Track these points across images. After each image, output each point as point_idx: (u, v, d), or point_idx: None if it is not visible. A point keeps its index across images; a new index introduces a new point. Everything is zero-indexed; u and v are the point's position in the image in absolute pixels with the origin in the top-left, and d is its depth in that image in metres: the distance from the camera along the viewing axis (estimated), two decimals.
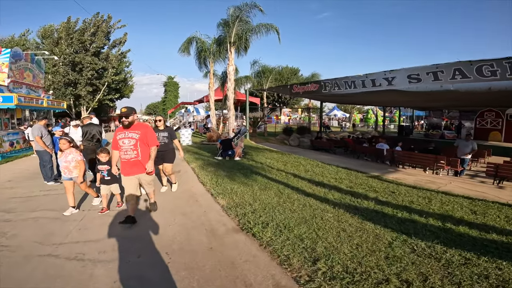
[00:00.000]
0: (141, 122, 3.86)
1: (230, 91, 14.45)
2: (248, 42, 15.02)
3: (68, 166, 4.18)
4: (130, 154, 3.77)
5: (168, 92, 37.55)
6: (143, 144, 3.81)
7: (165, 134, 5.25)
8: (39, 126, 6.14)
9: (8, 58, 10.37)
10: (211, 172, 7.16)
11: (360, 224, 3.92)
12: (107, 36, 21.64)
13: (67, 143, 4.19)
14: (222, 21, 14.66)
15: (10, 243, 3.33)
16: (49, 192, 5.73)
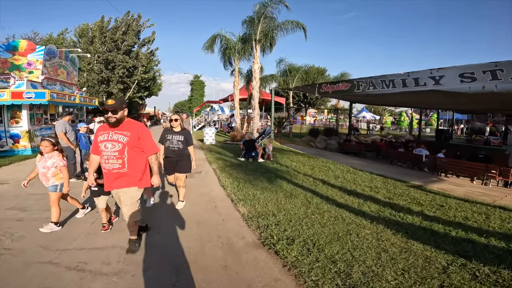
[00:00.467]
0: (134, 121, 3.01)
1: (255, 90, 14.02)
2: (274, 40, 14.56)
3: (46, 173, 3.43)
4: (113, 163, 2.78)
5: (194, 91, 38.09)
6: (132, 150, 2.82)
7: (180, 138, 4.29)
8: (63, 122, 6.10)
9: (43, 55, 10.77)
10: (233, 174, 6.74)
11: (405, 243, 3.32)
12: (137, 35, 22.24)
13: (50, 145, 3.42)
14: (248, 19, 14.29)
15: (15, 245, 3.11)
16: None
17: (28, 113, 10.08)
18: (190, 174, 6.99)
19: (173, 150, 4.24)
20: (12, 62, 10.45)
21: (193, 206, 4.55)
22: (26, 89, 9.66)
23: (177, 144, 4.26)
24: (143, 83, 24.50)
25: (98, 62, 20.61)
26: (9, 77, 9.71)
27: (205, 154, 10.20)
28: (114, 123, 2.78)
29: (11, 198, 4.96)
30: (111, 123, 2.78)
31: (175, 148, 4.24)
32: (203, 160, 8.98)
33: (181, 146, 4.25)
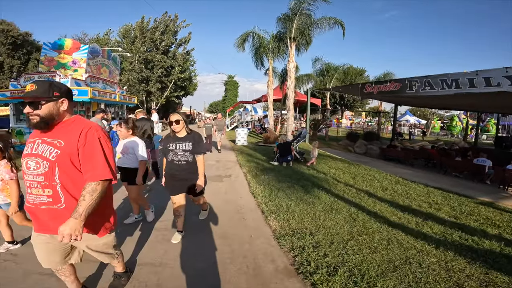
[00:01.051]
0: (82, 120, 1.81)
1: (290, 90, 13.33)
2: (310, 38, 13.86)
3: None
4: (37, 194, 1.64)
5: (228, 91, 38.35)
6: (68, 171, 1.65)
7: (186, 147, 3.01)
8: (95, 119, 6.07)
9: (86, 54, 11.24)
10: (265, 181, 6.17)
11: (485, 275, 2.63)
12: (175, 35, 22.81)
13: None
14: (282, 16, 13.69)
15: (21, 252, 2.86)
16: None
17: (73, 111, 10.55)
18: (219, 178, 6.64)
19: (179, 165, 3.02)
20: (58, 61, 11.06)
21: (217, 216, 4.06)
22: (70, 87, 10.11)
23: (183, 156, 3.01)
24: (179, 82, 25.10)
25: (139, 61, 21.50)
26: (55, 75, 10.24)
27: (236, 155, 9.80)
28: (39, 125, 1.63)
29: None
30: (33, 125, 1.63)
31: (182, 162, 3.01)
32: (234, 163, 8.56)
33: (189, 159, 3.03)
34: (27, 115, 1.61)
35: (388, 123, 34.52)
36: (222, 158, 9.29)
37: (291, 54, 13.47)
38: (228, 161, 8.84)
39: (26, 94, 1.61)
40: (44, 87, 1.62)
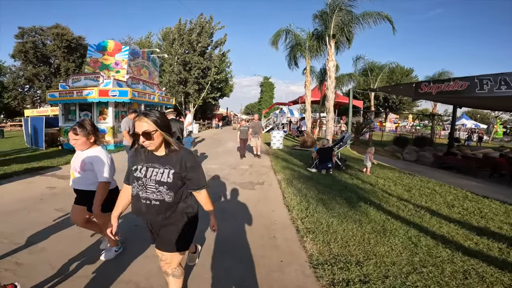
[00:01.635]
0: None
1: (330, 90, 12.38)
2: (352, 35, 12.76)
3: None
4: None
5: (264, 93, 38.03)
6: None
7: (166, 175, 1.72)
8: (127, 120, 5.95)
9: (127, 55, 11.63)
10: (302, 190, 5.47)
11: None
12: (210, 36, 23.13)
13: None
14: (319, 13, 12.81)
15: (27, 261, 2.60)
16: None
17: (113, 110, 10.97)
18: (251, 185, 6.13)
19: (147, 205, 1.74)
20: (102, 62, 11.59)
21: (244, 231, 3.49)
22: (112, 87, 10.49)
23: (156, 191, 1.72)
24: (216, 83, 25.40)
25: (177, 63, 22.16)
26: (99, 76, 10.71)
27: (270, 160, 9.22)
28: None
29: (65, 196, 4.91)
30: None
31: (151, 202, 1.73)
32: (268, 168, 7.98)
33: (166, 197, 1.73)
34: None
35: (439, 127, 31.12)
36: (255, 162, 8.78)
37: (330, 52, 12.53)
38: (262, 166, 8.29)
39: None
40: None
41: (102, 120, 11.04)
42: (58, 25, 27.79)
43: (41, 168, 7.21)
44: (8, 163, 7.66)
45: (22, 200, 4.61)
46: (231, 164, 8.43)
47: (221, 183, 6.16)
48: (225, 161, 8.90)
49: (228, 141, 15.85)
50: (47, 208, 4.26)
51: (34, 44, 26.39)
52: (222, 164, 8.30)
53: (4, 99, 27.51)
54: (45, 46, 26.88)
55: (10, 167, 7.08)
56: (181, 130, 5.73)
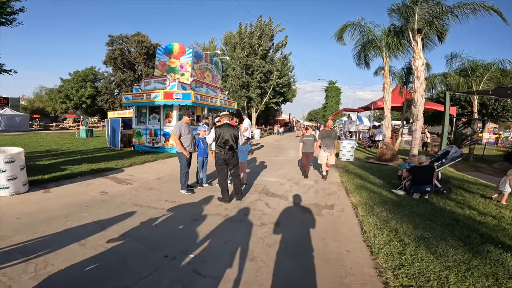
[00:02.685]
0: None
1: (419, 93, 10.06)
2: (444, 29, 10.31)
3: None
4: None
5: (329, 98, 35.52)
6: None
7: None
8: (179, 124, 5.37)
9: (191, 58, 11.58)
10: (389, 223, 3.98)
11: None
12: (271, 39, 22.52)
13: None
14: (396, 6, 10.65)
15: None
16: (168, 205, 4.73)
17: (177, 113, 10.99)
18: (317, 208, 4.84)
19: None
20: (169, 65, 11.79)
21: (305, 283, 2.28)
22: (176, 90, 10.49)
23: None
24: (278, 88, 24.61)
25: (240, 67, 22.14)
26: (165, 79, 10.86)
27: (340, 175, 7.70)
28: None
29: (110, 205, 4.50)
30: None
31: None
32: (338, 186, 6.54)
33: None
34: None
35: None
36: None
37: (416, 49, 10.29)
38: (330, 182, 6.88)
39: None
40: None
41: (167, 123, 11.17)
42: (139, 33, 31.04)
43: (106, 170, 7.30)
44: (81, 161, 8.07)
45: (68, 206, 4.36)
46: (292, 177, 7.23)
47: (279, 203, 5.06)
48: (286, 173, 7.75)
49: (289, 149, 14.68)
50: (87, 218, 3.84)
51: (121, 51, 30.02)
52: (282, 177, 7.17)
53: (98, 102, 32.07)
54: (130, 53, 30.32)
55: (79, 166, 7.34)
56: (235, 137, 4.83)
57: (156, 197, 5.14)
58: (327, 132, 7.05)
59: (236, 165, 4.99)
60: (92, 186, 5.78)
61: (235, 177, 4.99)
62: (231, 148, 4.81)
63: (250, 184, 6.32)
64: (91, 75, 33.08)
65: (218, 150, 4.82)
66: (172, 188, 5.74)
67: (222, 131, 4.76)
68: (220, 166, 4.86)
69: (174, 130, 5.23)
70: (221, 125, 4.89)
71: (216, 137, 4.77)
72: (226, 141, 4.75)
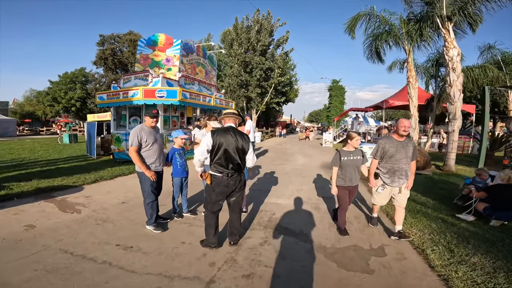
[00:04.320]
0: None
1: (456, 88, 8.28)
2: (479, 16, 8.76)
3: None
4: None
5: (333, 97, 33.60)
6: None
7: None
8: (139, 128, 3.48)
9: (179, 50, 9.77)
10: (495, 275, 2.15)
11: None
12: (271, 34, 20.88)
13: None
14: None
15: None
16: (117, 254, 2.90)
17: (162, 115, 9.16)
18: (360, 257, 2.91)
19: None
20: (152, 59, 9.98)
21: None
22: (160, 87, 8.67)
23: None
24: (280, 87, 22.83)
25: (237, 64, 20.44)
26: (147, 74, 9.05)
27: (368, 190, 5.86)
28: None
29: (29, 251, 2.65)
30: None
31: None
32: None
33: None
34: None
35: None
36: None
37: (448, 38, 8.58)
38: (362, 201, 5.05)
39: None
40: None
41: None
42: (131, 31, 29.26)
43: (59, 188, 5.48)
44: (37, 175, 6.26)
45: None
46: (308, 198, 5.38)
47: (297, 247, 3.25)
48: (298, 190, 5.90)
49: (295, 154, 12.83)
50: None
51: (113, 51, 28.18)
52: (295, 198, 5.32)
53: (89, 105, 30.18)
54: (122, 53, 28.53)
55: (26, 184, 5.54)
56: (243, 151, 3.03)
57: (105, 238, 3.34)
58: (397, 144, 3.42)
59: (241, 194, 3.16)
60: (21, 215, 4.01)
61: (235, 213, 3.16)
62: (238, 169, 2.98)
63: (252, 211, 4.48)
64: (81, 76, 31.23)
65: (217, 171, 2.94)
66: (136, 220, 3.91)
67: (225, 140, 2.90)
68: (217, 198, 3.01)
69: (130, 138, 3.38)
70: (223, 129, 3.03)
71: (213, 150, 2.92)
72: (230, 157, 2.91)
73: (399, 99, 19.09)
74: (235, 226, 3.16)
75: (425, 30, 10.00)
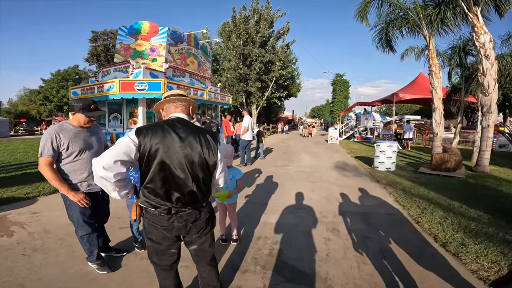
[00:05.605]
0: None
1: (490, 77, 7.03)
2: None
3: None
4: None
5: (337, 92, 32.25)
6: None
7: None
8: (55, 128, 2.18)
9: (166, 39, 8.50)
10: None
11: None
12: (270, 25, 19.59)
13: None
14: None
15: None
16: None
17: (145, 111, 7.96)
18: None
19: None
20: (134, 48, 8.74)
21: None
22: (140, 79, 7.44)
23: None
24: (281, 81, 21.51)
25: (236, 57, 19.17)
26: (128, 65, 7.84)
27: (396, 199, 4.65)
28: None
29: None
30: None
31: None
32: (408, 226, 3.47)
33: None
34: None
35: None
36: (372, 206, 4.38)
37: (477, 23, 7.40)
38: (392, 223, 3.83)
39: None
40: None
41: (132, 124, 8.16)
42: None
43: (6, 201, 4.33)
44: None
45: None
46: (320, 210, 4.17)
47: None
48: (306, 201, 4.68)
49: (300, 152, 11.59)
50: None
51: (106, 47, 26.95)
52: (302, 211, 4.11)
53: None
54: (115, 48, 27.39)
55: None
56: (205, 165, 1.61)
57: (23, 277, 2.32)
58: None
59: (208, 240, 1.82)
60: None
61: (205, 265, 1.87)
62: (192, 201, 1.65)
63: (245, 238, 3.28)
64: (73, 74, 30.10)
65: (149, 204, 1.63)
66: (78, 252, 2.74)
67: (162, 145, 1.55)
68: (160, 247, 1.70)
69: (40, 144, 2.13)
70: (159, 124, 1.64)
71: (141, 164, 1.59)
72: (173, 177, 1.57)
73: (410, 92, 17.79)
74: (208, 283, 1.94)
75: (447, 14, 8.77)
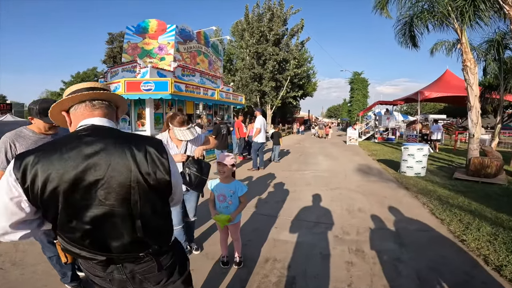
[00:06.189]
0: None
1: None
2: None
3: None
4: None
5: (355, 91, 30.96)
6: None
7: None
8: (11, 136, 1.77)
9: (174, 37, 8.12)
10: None
11: None
12: (284, 23, 18.90)
13: None
14: None
15: None
16: None
17: (152, 112, 7.62)
18: None
19: None
20: (142, 47, 8.43)
21: None
22: (147, 78, 7.10)
23: None
24: (296, 80, 20.76)
25: (249, 56, 18.68)
26: (135, 65, 7.54)
27: (432, 211, 3.95)
28: None
29: None
30: None
31: None
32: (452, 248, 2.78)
33: None
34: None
35: None
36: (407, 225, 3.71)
37: None
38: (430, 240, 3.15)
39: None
40: None
41: (140, 126, 7.87)
42: None
43: None
44: None
45: None
46: (341, 225, 3.56)
47: None
48: (325, 213, 4.07)
49: (317, 154, 10.89)
50: None
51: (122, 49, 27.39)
52: (320, 226, 3.51)
53: None
54: (123, 48, 27.72)
55: None
56: (157, 190, 0.96)
57: None
58: None
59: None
60: None
61: None
62: (137, 247, 1.02)
63: (250, 259, 2.73)
64: (92, 76, 30.88)
65: (75, 254, 1.00)
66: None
67: (64, 178, 0.88)
68: None
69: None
70: (59, 142, 0.95)
71: (49, 216, 0.94)
72: (98, 218, 0.93)
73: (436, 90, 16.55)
74: None
75: (481, 6, 7.76)
